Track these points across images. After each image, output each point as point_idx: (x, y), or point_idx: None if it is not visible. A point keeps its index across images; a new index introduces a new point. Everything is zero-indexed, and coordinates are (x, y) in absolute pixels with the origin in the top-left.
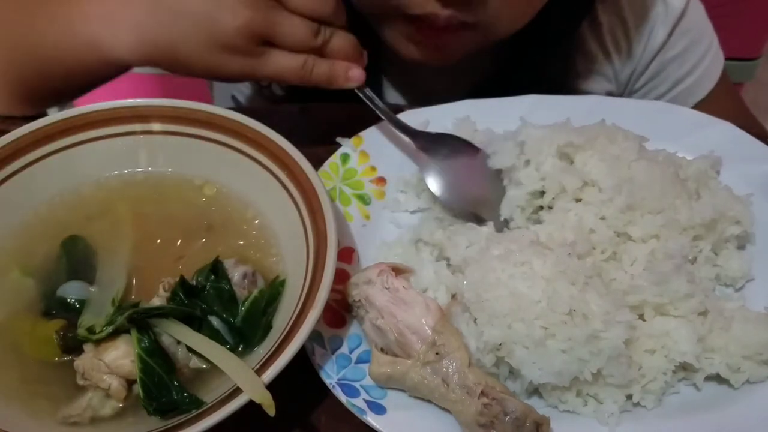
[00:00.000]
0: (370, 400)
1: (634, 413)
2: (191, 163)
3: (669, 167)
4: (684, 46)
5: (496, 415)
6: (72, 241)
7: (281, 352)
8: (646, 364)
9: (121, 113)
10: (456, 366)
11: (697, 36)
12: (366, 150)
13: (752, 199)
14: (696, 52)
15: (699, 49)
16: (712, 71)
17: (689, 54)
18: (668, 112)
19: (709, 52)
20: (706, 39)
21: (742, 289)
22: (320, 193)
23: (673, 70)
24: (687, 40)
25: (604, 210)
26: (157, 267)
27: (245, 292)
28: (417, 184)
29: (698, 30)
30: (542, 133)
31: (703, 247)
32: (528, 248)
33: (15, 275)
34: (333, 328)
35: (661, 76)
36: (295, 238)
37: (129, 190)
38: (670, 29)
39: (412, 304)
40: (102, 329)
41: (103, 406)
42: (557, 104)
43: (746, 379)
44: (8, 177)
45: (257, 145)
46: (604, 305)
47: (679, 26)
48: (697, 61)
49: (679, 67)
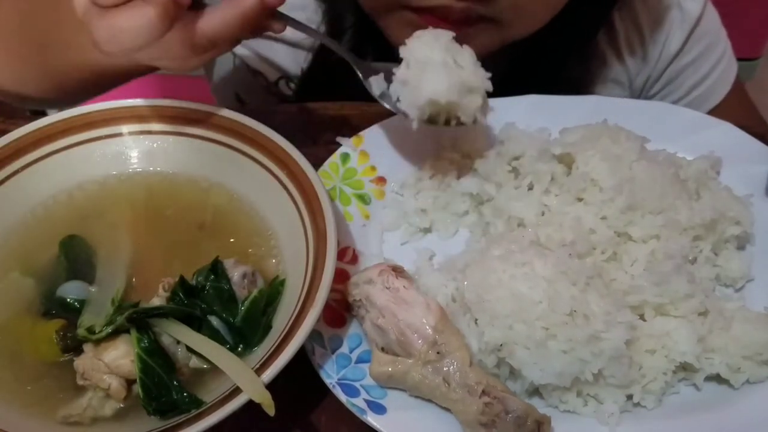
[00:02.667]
0: (371, 399)
1: (634, 413)
2: (191, 163)
3: (669, 167)
4: (699, 52)
5: (497, 414)
6: (71, 241)
7: (281, 352)
8: (647, 364)
9: (121, 113)
10: (457, 365)
11: (712, 42)
12: (366, 150)
13: (752, 200)
14: (711, 58)
15: (714, 55)
16: (726, 77)
17: (704, 60)
18: (669, 112)
19: (724, 58)
20: (720, 45)
21: (742, 289)
22: (320, 193)
23: (688, 76)
24: (702, 46)
25: (605, 210)
26: (156, 267)
27: (245, 291)
28: (415, 185)
29: (713, 36)
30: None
31: (703, 248)
32: (529, 249)
33: (15, 275)
34: (333, 328)
35: (676, 82)
36: (295, 238)
37: (128, 190)
38: (687, 35)
39: (412, 303)
40: (102, 329)
41: (103, 406)
42: (558, 104)
43: (746, 379)
44: (8, 177)
45: (257, 145)
46: (604, 306)
47: (694, 33)
48: (712, 66)
49: (694, 72)
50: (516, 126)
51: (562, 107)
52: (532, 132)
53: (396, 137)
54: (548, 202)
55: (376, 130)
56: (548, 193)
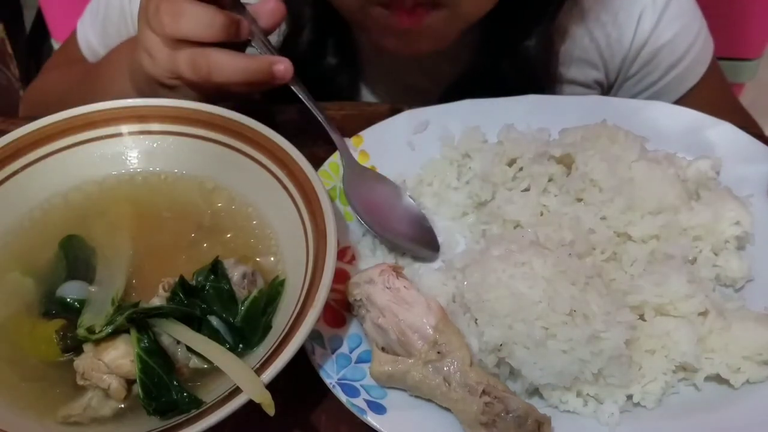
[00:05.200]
0: (371, 399)
1: (634, 413)
2: (191, 164)
3: (669, 167)
4: (675, 32)
5: (498, 413)
6: (71, 240)
7: (281, 352)
8: (647, 364)
9: (121, 113)
10: (457, 365)
11: (687, 22)
12: (366, 150)
13: (752, 200)
14: (687, 38)
15: (690, 35)
16: (703, 57)
17: (680, 40)
18: (669, 112)
19: (700, 38)
20: (695, 24)
21: (742, 289)
22: (320, 193)
23: (665, 57)
24: (678, 25)
25: (605, 210)
26: (156, 267)
27: (245, 291)
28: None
29: (689, 16)
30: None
31: (703, 248)
32: (528, 248)
33: (15, 275)
34: (333, 328)
35: (653, 63)
36: (295, 237)
37: (129, 191)
38: (659, 14)
39: (413, 303)
40: (102, 329)
41: (103, 406)
42: (557, 104)
43: (746, 379)
44: (8, 177)
45: (257, 145)
46: (604, 305)
47: (667, 12)
48: (689, 46)
49: (671, 53)
50: (515, 127)
51: (562, 107)
52: (532, 132)
53: (396, 137)
54: (547, 203)
55: (376, 130)
56: (547, 193)
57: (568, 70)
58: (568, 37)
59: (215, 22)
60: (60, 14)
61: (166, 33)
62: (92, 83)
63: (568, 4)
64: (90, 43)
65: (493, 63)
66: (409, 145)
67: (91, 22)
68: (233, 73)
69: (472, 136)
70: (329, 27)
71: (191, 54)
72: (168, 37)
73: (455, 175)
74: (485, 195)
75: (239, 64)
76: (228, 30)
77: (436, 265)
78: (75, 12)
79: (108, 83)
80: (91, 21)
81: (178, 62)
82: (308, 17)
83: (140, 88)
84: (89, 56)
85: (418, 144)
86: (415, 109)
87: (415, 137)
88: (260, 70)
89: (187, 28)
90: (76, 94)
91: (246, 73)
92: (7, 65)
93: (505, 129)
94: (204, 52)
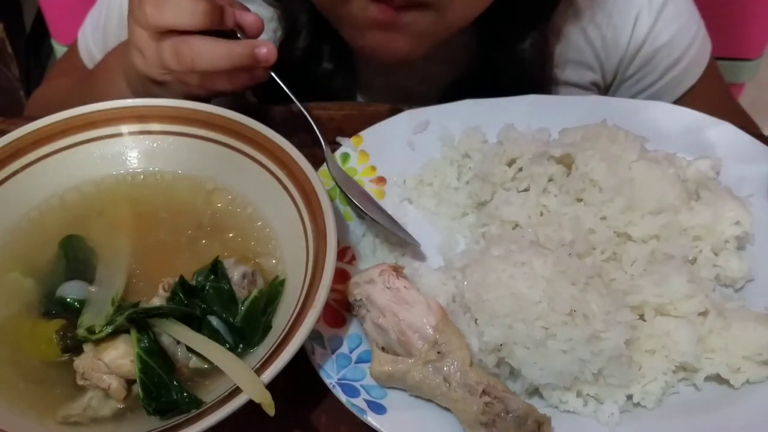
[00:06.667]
0: (371, 399)
1: (634, 413)
2: (191, 164)
3: (669, 167)
4: (672, 35)
5: (498, 413)
6: (71, 240)
7: (281, 352)
8: (647, 364)
9: (121, 113)
10: (457, 365)
11: (684, 22)
12: (366, 149)
13: (752, 200)
14: (684, 39)
15: (687, 36)
16: (701, 58)
17: (677, 42)
18: (669, 112)
19: (697, 39)
20: (693, 26)
21: (742, 289)
22: (320, 193)
23: (662, 59)
24: (675, 27)
25: (605, 210)
26: (156, 267)
27: (245, 291)
28: (415, 187)
29: (686, 17)
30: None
31: (703, 248)
32: (528, 248)
33: (15, 275)
34: (333, 328)
35: (651, 65)
36: (295, 238)
37: (128, 191)
38: (656, 16)
39: (413, 303)
40: (101, 329)
41: (103, 406)
42: (557, 104)
43: (746, 379)
44: (8, 177)
45: (257, 145)
46: (604, 305)
47: (664, 13)
48: (686, 47)
49: (668, 55)
50: (515, 127)
51: (562, 107)
52: (532, 132)
53: (396, 137)
54: (547, 203)
55: (376, 130)
56: (547, 193)
57: (563, 72)
58: (562, 38)
59: (198, 9)
60: (60, 14)
61: (150, 24)
62: (90, 87)
63: (563, 5)
64: (91, 51)
65: (488, 66)
66: (409, 145)
67: (92, 30)
68: (217, 59)
69: (472, 136)
70: (325, 33)
71: (174, 42)
72: (153, 29)
73: (455, 175)
74: (485, 195)
75: (222, 50)
76: (212, 16)
77: (436, 265)
78: (75, 12)
79: (105, 86)
80: (92, 29)
81: (163, 53)
82: (304, 23)
83: (134, 88)
84: (90, 64)
85: (418, 144)
86: (415, 109)
87: (415, 137)
88: (243, 54)
89: (170, 15)
90: (74, 99)
91: (229, 59)
92: (7, 65)
93: (505, 129)
94: (186, 40)
